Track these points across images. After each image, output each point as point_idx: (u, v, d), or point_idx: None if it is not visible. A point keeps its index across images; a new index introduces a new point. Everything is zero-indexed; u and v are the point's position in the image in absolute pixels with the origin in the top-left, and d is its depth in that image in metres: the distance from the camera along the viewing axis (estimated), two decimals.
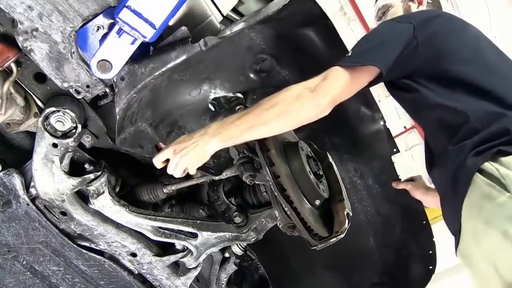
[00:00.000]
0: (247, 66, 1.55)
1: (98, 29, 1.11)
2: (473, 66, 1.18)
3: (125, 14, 1.03)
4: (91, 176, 1.31)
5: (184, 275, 1.61)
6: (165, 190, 1.51)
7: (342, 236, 1.31)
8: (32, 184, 1.32)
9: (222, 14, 1.54)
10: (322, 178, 1.43)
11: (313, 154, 1.47)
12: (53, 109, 1.19)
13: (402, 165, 1.93)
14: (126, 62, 1.15)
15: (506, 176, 0.97)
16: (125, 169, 1.55)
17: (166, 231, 1.48)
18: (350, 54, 1.25)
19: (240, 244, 1.87)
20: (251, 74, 1.60)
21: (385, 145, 1.76)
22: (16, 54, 1.09)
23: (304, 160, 1.35)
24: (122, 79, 1.17)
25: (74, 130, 1.23)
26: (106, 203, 1.35)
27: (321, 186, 1.38)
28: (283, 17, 1.34)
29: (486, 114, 1.09)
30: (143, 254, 1.50)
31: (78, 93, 1.18)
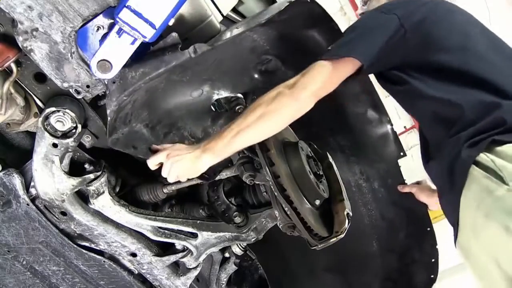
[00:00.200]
0: (251, 67, 1.55)
1: (98, 29, 1.11)
2: (463, 54, 1.16)
3: (125, 14, 1.03)
4: (91, 176, 1.31)
5: (184, 275, 1.61)
6: (165, 190, 1.51)
7: (342, 236, 1.31)
8: (32, 184, 1.32)
9: (222, 14, 1.54)
10: (322, 178, 1.43)
11: (313, 154, 1.47)
12: (53, 109, 1.19)
13: (402, 165, 1.93)
14: None
15: (502, 167, 0.95)
16: (125, 169, 1.55)
17: (166, 231, 1.48)
18: (331, 47, 1.24)
19: (240, 244, 1.87)
20: (256, 75, 1.59)
21: (391, 148, 1.75)
22: (16, 54, 1.09)
23: (304, 160, 1.35)
24: (113, 82, 1.16)
25: (74, 130, 1.23)
26: (106, 203, 1.35)
27: (321, 186, 1.37)
28: (286, 19, 1.33)
29: (480, 104, 1.07)
30: (143, 254, 1.50)
31: (78, 93, 1.18)
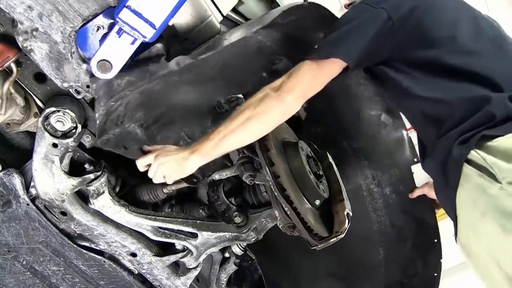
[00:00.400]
0: (260, 67, 1.53)
1: (98, 29, 1.11)
2: (451, 47, 1.14)
3: (125, 14, 1.03)
4: (91, 176, 1.31)
5: (184, 275, 1.61)
6: (165, 190, 1.51)
7: (342, 236, 1.31)
8: (32, 184, 1.32)
9: (222, 14, 1.54)
10: (322, 178, 1.43)
11: (313, 154, 1.47)
12: (53, 109, 1.19)
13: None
14: None
15: (494, 165, 0.95)
16: (125, 169, 1.55)
17: (166, 231, 1.48)
18: (318, 45, 1.23)
19: (240, 244, 1.87)
20: (265, 74, 1.58)
21: (405, 153, 1.72)
22: (16, 54, 1.09)
23: (304, 160, 1.35)
24: (101, 87, 1.17)
25: (74, 130, 1.23)
26: (106, 203, 1.35)
27: (321, 186, 1.38)
28: (290, 21, 1.32)
29: (470, 101, 1.06)
30: (143, 254, 1.50)
31: (78, 93, 1.18)
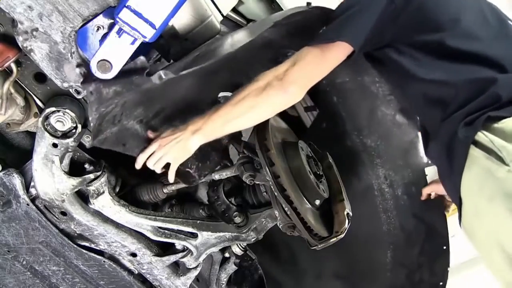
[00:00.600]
0: (268, 59, 1.49)
1: (98, 29, 1.11)
2: (455, 30, 1.13)
3: (125, 14, 1.03)
4: (91, 176, 1.31)
5: (184, 275, 1.61)
6: (165, 190, 1.51)
7: (342, 236, 1.31)
8: (32, 184, 1.32)
9: (222, 14, 1.54)
10: (322, 178, 1.43)
11: (313, 154, 1.47)
12: (53, 109, 1.19)
13: None
14: (95, 79, 1.13)
15: (502, 148, 0.93)
16: (125, 169, 1.55)
17: (166, 231, 1.48)
18: (322, 30, 1.22)
19: (240, 244, 1.87)
20: (272, 66, 1.56)
21: (419, 155, 1.68)
22: (16, 54, 1.08)
23: (304, 160, 1.35)
24: (92, 93, 1.16)
25: (74, 130, 1.23)
26: (106, 203, 1.35)
27: (321, 186, 1.38)
28: (294, 21, 1.31)
29: (475, 82, 1.04)
30: (143, 254, 1.50)
31: (78, 93, 1.18)
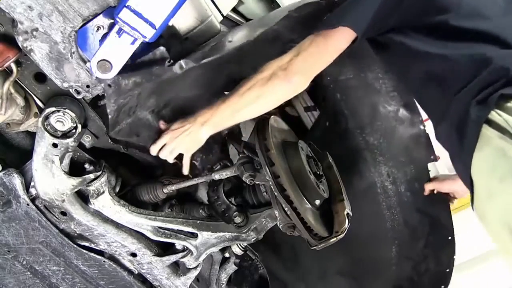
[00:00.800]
0: (276, 53, 1.50)
1: (98, 29, 1.11)
2: (458, 11, 1.11)
3: (125, 14, 1.03)
4: (91, 176, 1.31)
5: (184, 275, 1.61)
6: (165, 190, 1.51)
7: (342, 236, 1.31)
8: (32, 184, 1.32)
9: (222, 14, 1.54)
10: (322, 178, 1.43)
11: (313, 154, 1.47)
12: (53, 109, 1.19)
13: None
14: None
15: None
16: (125, 169, 1.55)
17: (166, 231, 1.48)
18: (326, 17, 1.22)
19: (240, 244, 1.87)
20: None
21: (422, 151, 1.67)
22: (16, 54, 1.09)
23: (304, 160, 1.35)
24: (110, 86, 1.20)
25: (74, 130, 1.23)
26: (106, 203, 1.35)
27: (321, 186, 1.37)
28: (306, 14, 1.32)
29: (479, 56, 1.02)
30: (143, 254, 1.50)
31: (78, 93, 1.18)
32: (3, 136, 1.43)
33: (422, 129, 1.65)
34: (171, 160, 1.37)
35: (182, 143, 1.31)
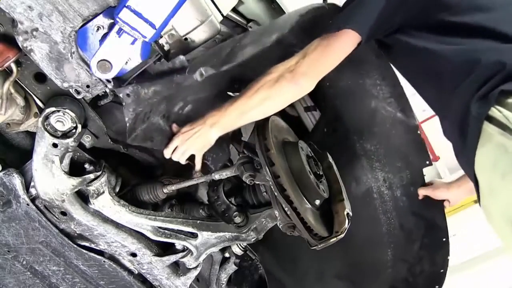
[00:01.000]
0: (277, 56, 1.52)
1: (98, 29, 1.11)
2: (459, 7, 1.12)
3: (125, 14, 1.03)
4: (91, 176, 1.31)
5: (184, 275, 1.61)
6: (165, 190, 1.51)
7: (342, 236, 1.31)
8: (32, 184, 1.32)
9: (222, 14, 1.54)
10: (322, 178, 1.43)
11: (313, 154, 1.47)
12: (53, 109, 1.19)
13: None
14: (131, 82, 1.22)
15: None
16: (125, 169, 1.55)
17: (166, 231, 1.48)
18: (332, 21, 1.24)
19: (240, 244, 1.87)
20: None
21: (418, 156, 1.70)
22: (16, 54, 1.09)
23: (304, 160, 1.35)
24: (128, 96, 1.23)
25: (74, 130, 1.23)
26: (106, 203, 1.35)
27: (321, 186, 1.38)
28: (310, 18, 1.33)
29: (477, 51, 1.03)
30: (143, 254, 1.50)
31: (78, 93, 1.18)
32: (3, 136, 1.43)
33: (418, 134, 1.67)
34: (183, 162, 1.39)
35: (193, 145, 1.35)
